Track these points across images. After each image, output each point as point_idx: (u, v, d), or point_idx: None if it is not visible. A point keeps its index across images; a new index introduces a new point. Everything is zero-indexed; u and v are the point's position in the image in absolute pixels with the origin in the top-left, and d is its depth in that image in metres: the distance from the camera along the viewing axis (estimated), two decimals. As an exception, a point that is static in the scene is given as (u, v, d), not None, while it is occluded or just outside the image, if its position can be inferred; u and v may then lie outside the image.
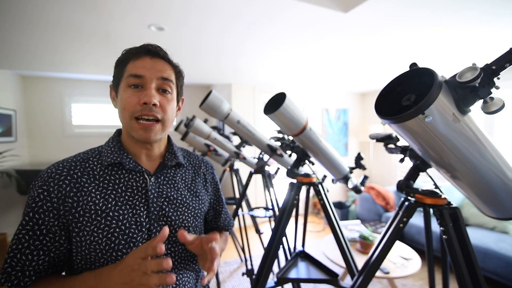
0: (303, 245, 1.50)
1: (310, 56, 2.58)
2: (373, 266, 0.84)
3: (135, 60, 0.62)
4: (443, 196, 0.78)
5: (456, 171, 0.63)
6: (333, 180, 1.37)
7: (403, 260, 2.04)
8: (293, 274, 1.33)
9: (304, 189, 1.30)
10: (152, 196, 0.64)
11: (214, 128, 2.13)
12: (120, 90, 0.63)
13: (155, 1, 1.49)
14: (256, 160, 1.99)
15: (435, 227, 0.82)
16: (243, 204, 3.32)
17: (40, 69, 3.07)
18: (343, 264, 1.66)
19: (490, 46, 2.29)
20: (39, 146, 3.55)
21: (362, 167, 1.25)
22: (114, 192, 0.61)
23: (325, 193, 1.29)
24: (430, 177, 0.83)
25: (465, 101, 0.53)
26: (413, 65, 0.60)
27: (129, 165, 0.63)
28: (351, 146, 4.93)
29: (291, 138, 1.37)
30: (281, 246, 1.75)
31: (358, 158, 1.25)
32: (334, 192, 4.74)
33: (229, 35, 2.02)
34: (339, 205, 4.26)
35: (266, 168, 1.97)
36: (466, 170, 0.62)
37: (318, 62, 2.80)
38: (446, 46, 2.28)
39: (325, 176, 1.38)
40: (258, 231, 2.39)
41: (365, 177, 1.39)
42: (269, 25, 1.84)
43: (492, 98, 0.51)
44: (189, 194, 0.71)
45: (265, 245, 1.29)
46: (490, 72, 0.50)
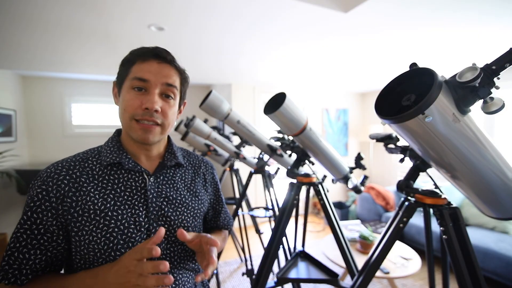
0: (303, 245, 1.50)
1: (310, 56, 2.58)
2: (373, 266, 0.83)
3: (142, 63, 0.61)
4: (443, 196, 0.78)
5: (456, 171, 0.63)
6: (333, 180, 1.37)
7: (403, 260, 2.04)
8: (293, 274, 1.33)
9: (304, 189, 1.30)
10: (151, 196, 0.64)
11: (214, 128, 2.13)
12: (123, 90, 0.63)
13: (155, 1, 1.49)
14: (256, 160, 1.99)
15: (435, 227, 0.82)
16: (243, 204, 3.32)
17: (40, 69, 3.07)
18: (343, 264, 1.66)
19: (490, 46, 2.29)
20: (39, 146, 3.56)
21: (362, 167, 1.25)
22: (113, 192, 0.61)
23: (325, 193, 1.29)
24: (430, 177, 0.83)
25: (465, 101, 0.53)
26: (413, 65, 0.60)
27: (128, 165, 0.63)
28: (351, 146, 4.93)
29: (291, 138, 1.37)
30: (281, 246, 1.75)
31: (358, 158, 1.25)
32: (334, 192, 4.74)
33: (229, 35, 2.02)
34: (339, 205, 4.26)
35: (266, 168, 1.96)
36: (466, 170, 0.62)
37: (318, 62, 2.80)
38: (446, 46, 2.28)
39: (325, 176, 1.38)
40: (258, 231, 2.39)
41: (365, 177, 1.39)
42: (269, 25, 1.84)
43: (492, 98, 0.51)
44: (189, 194, 0.71)
45: (265, 245, 1.29)
46: (490, 72, 0.50)
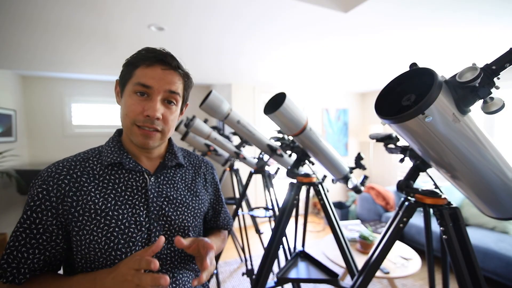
0: (303, 245, 1.50)
1: (310, 56, 2.58)
2: (373, 266, 0.84)
3: (146, 68, 0.60)
4: (443, 196, 0.78)
5: (456, 171, 0.63)
6: (333, 180, 1.37)
7: (403, 260, 2.04)
8: (293, 274, 1.33)
9: (304, 189, 1.30)
10: (152, 196, 0.64)
11: (214, 128, 2.13)
12: (126, 93, 0.62)
13: (155, 1, 1.49)
14: (256, 160, 1.99)
15: (435, 227, 0.82)
16: (243, 204, 3.32)
17: (40, 69, 3.07)
18: (343, 264, 1.66)
19: (490, 46, 2.29)
20: (39, 146, 3.55)
21: (362, 167, 1.25)
22: (114, 192, 0.61)
23: (325, 193, 1.29)
24: (430, 177, 0.83)
25: (465, 101, 0.53)
26: (413, 65, 0.60)
27: (129, 165, 0.63)
28: (351, 146, 4.92)
29: (291, 138, 1.37)
30: (281, 246, 1.75)
31: (358, 158, 1.25)
32: (334, 192, 4.74)
33: (229, 35, 2.02)
34: (339, 205, 4.26)
35: (266, 168, 1.96)
36: (466, 170, 0.62)
37: (318, 62, 2.80)
38: (446, 46, 2.28)
39: (325, 176, 1.38)
40: (258, 231, 2.39)
41: (365, 177, 1.39)
42: (269, 25, 1.84)
43: (492, 98, 0.51)
44: (189, 194, 0.71)
45: (265, 245, 1.29)
46: (490, 72, 0.50)
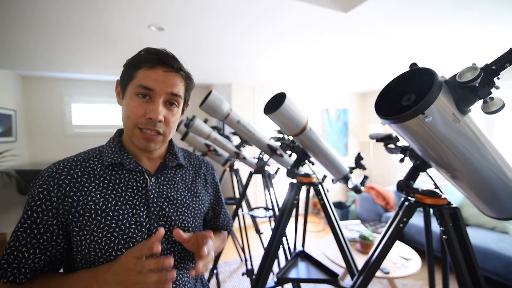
0: (303, 245, 1.50)
1: (310, 56, 2.58)
2: (373, 266, 0.84)
3: (148, 70, 0.60)
4: (443, 196, 0.78)
5: (456, 171, 0.63)
6: (333, 180, 1.37)
7: (403, 260, 2.05)
8: (293, 274, 1.33)
9: (304, 189, 1.30)
10: (152, 196, 0.64)
11: (214, 128, 2.13)
12: (127, 95, 0.62)
13: (155, 1, 1.49)
14: (256, 160, 1.99)
15: (435, 227, 0.82)
16: (243, 204, 3.32)
17: (40, 69, 3.07)
18: (343, 264, 1.66)
19: (490, 46, 2.29)
20: (39, 146, 3.55)
21: (362, 167, 1.25)
22: (114, 192, 0.61)
23: (325, 193, 1.29)
24: (430, 177, 0.83)
25: (465, 101, 0.53)
26: (413, 65, 0.60)
27: (130, 165, 0.63)
28: (351, 146, 4.93)
29: (291, 138, 1.37)
30: (281, 246, 1.75)
31: (358, 158, 1.25)
32: (334, 192, 4.74)
33: (229, 35, 2.02)
34: (339, 205, 4.26)
35: (266, 168, 1.96)
36: (466, 170, 0.62)
37: (318, 62, 2.80)
38: (446, 46, 2.28)
39: (325, 176, 1.38)
40: (258, 231, 2.39)
41: (365, 177, 1.39)
42: (269, 25, 1.84)
43: (492, 98, 0.51)
44: (189, 195, 0.71)
45: (265, 245, 1.29)
46: (490, 72, 0.50)
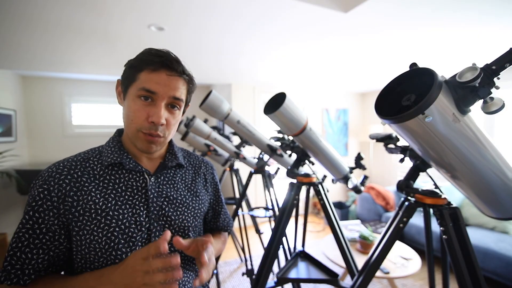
0: (303, 245, 1.50)
1: (310, 56, 2.58)
2: (373, 266, 0.84)
3: (151, 73, 0.59)
4: (443, 196, 0.78)
5: (456, 171, 0.63)
6: (333, 180, 1.37)
7: (403, 260, 2.05)
8: (293, 274, 1.33)
9: (304, 189, 1.30)
10: (152, 196, 0.64)
11: (214, 128, 2.13)
12: (129, 96, 0.61)
13: (155, 1, 1.49)
14: (256, 160, 1.99)
15: (435, 227, 0.81)
16: (243, 204, 3.32)
17: (40, 69, 3.07)
18: (343, 264, 1.66)
19: (490, 46, 2.29)
20: (39, 146, 3.55)
21: (362, 167, 1.25)
22: (114, 192, 0.61)
23: (325, 193, 1.29)
24: (430, 177, 0.83)
25: (465, 101, 0.53)
26: (413, 65, 0.60)
27: (129, 165, 0.63)
28: (351, 146, 4.92)
29: (291, 138, 1.37)
30: (281, 246, 1.75)
31: (358, 158, 1.25)
32: (334, 192, 4.74)
33: (229, 35, 2.02)
34: (339, 205, 4.26)
35: (266, 168, 1.96)
36: (466, 170, 0.62)
37: (318, 62, 2.80)
38: (446, 46, 2.28)
39: (325, 176, 1.38)
40: (258, 231, 2.39)
41: (365, 177, 1.39)
42: (269, 25, 1.84)
43: (492, 98, 0.51)
44: (189, 194, 0.71)
45: (265, 245, 1.29)
46: (490, 72, 0.50)
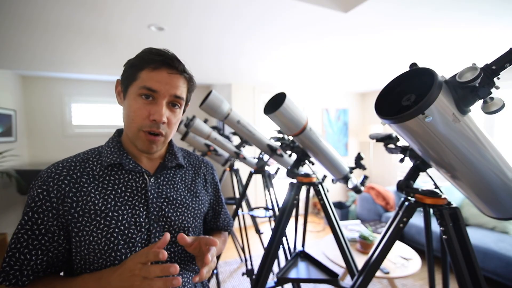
0: (303, 245, 1.50)
1: (310, 56, 2.58)
2: (373, 266, 0.84)
3: (152, 71, 0.59)
4: (443, 196, 0.78)
5: (456, 171, 0.63)
6: (333, 180, 1.37)
7: (403, 260, 2.04)
8: (293, 274, 1.33)
9: (304, 189, 1.30)
10: (152, 197, 0.64)
11: (214, 128, 2.13)
12: (130, 95, 0.61)
13: (155, 1, 1.49)
14: (256, 160, 1.99)
15: (435, 227, 0.82)
16: (243, 204, 3.32)
17: (40, 69, 3.07)
18: (343, 264, 1.66)
19: (490, 46, 2.29)
20: (39, 146, 3.55)
21: (362, 167, 1.25)
22: (114, 193, 0.61)
23: (325, 193, 1.29)
24: (430, 177, 0.83)
25: (465, 101, 0.53)
26: (413, 65, 0.60)
27: (129, 166, 0.63)
28: (351, 146, 4.92)
29: (291, 138, 1.37)
30: (281, 246, 1.75)
31: (358, 158, 1.25)
32: (334, 192, 4.74)
33: (229, 35, 2.02)
34: (339, 205, 4.26)
35: (266, 168, 1.96)
36: (466, 170, 0.62)
37: (318, 62, 2.80)
38: (446, 46, 2.28)
39: (325, 176, 1.38)
40: (258, 231, 2.39)
41: (365, 177, 1.39)
42: (269, 25, 1.84)
43: (492, 98, 0.51)
44: (189, 195, 0.71)
45: (265, 245, 1.29)
46: (490, 72, 0.50)
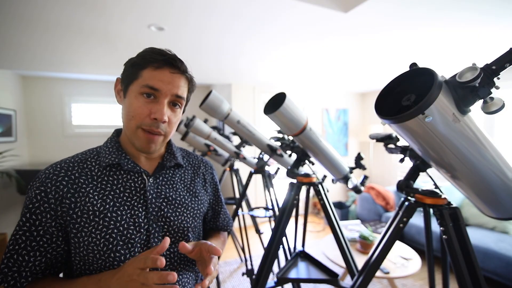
0: (303, 245, 1.50)
1: (310, 56, 2.58)
2: (373, 266, 0.83)
3: (154, 70, 0.59)
4: (443, 196, 0.78)
5: (456, 171, 0.63)
6: (333, 180, 1.37)
7: (403, 260, 2.04)
8: (293, 274, 1.33)
9: (304, 189, 1.30)
10: (151, 197, 0.64)
11: (214, 128, 2.13)
12: (131, 94, 0.61)
13: (155, 1, 1.49)
14: (256, 160, 1.99)
15: (435, 227, 0.82)
16: (243, 204, 3.32)
17: (40, 69, 3.07)
18: (343, 264, 1.66)
19: (490, 46, 2.29)
20: (39, 146, 3.55)
21: (362, 167, 1.25)
22: (112, 193, 0.61)
23: (325, 193, 1.29)
24: (430, 177, 0.83)
25: (465, 101, 0.53)
26: (413, 65, 0.60)
27: (128, 166, 0.63)
28: (351, 146, 4.92)
29: (291, 138, 1.36)
30: (281, 246, 1.74)
31: (358, 158, 1.25)
32: (334, 192, 4.74)
33: (229, 35, 2.01)
34: (339, 205, 4.26)
35: (266, 168, 1.96)
36: (466, 170, 0.62)
37: (318, 62, 2.80)
38: (446, 46, 2.28)
39: (325, 176, 1.38)
40: (258, 231, 2.39)
41: (365, 177, 1.39)
42: (269, 25, 1.84)
43: (492, 98, 0.51)
44: (188, 195, 0.71)
45: (265, 245, 1.29)
46: (490, 72, 0.50)
